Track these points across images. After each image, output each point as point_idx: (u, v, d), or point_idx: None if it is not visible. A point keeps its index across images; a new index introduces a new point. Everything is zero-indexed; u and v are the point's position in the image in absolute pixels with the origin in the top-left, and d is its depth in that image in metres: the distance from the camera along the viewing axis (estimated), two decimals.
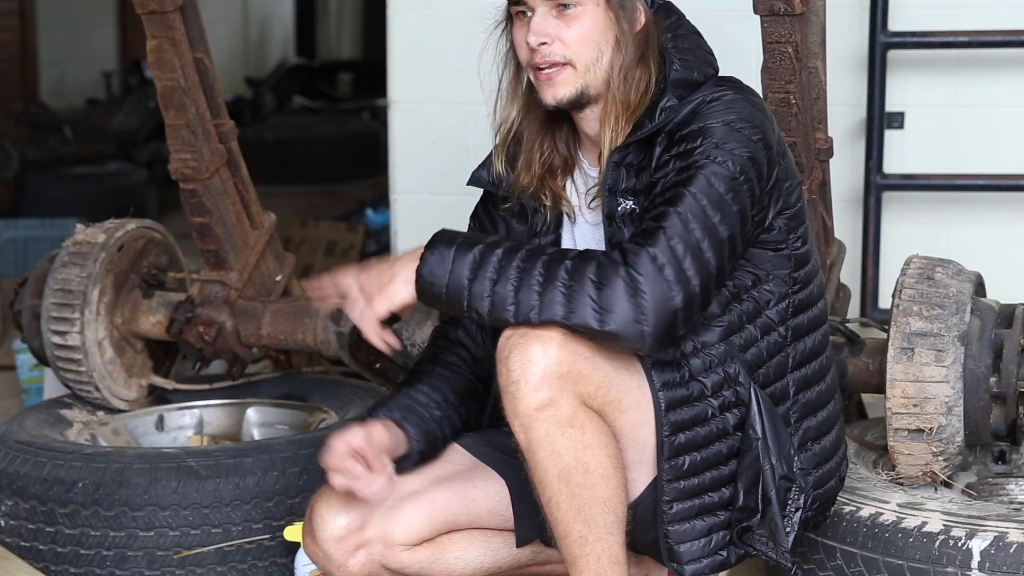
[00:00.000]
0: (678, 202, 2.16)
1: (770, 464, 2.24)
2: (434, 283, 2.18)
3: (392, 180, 4.40)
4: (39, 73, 9.21)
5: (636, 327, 2.10)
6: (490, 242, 2.18)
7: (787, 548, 2.25)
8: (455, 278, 2.16)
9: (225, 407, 3.38)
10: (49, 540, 2.86)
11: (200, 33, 3.17)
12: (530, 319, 2.13)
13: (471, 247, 2.17)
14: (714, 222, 2.16)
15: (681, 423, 2.23)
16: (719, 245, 2.17)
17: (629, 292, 2.10)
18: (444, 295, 2.17)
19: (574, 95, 2.29)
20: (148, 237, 3.34)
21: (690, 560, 2.26)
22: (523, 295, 2.12)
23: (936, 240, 4.04)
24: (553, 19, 2.27)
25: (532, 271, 2.13)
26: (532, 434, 2.15)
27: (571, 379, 2.14)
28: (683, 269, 2.12)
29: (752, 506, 2.25)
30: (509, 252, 2.16)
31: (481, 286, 2.14)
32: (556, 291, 2.11)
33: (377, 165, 7.54)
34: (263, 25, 12.74)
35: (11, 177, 7.15)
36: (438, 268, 2.17)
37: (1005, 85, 4.07)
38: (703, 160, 2.19)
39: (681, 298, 2.12)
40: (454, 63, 4.13)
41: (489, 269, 2.15)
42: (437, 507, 2.36)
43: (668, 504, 2.24)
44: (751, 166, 2.21)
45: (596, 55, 2.27)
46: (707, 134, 2.21)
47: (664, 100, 2.26)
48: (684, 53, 2.30)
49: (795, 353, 2.34)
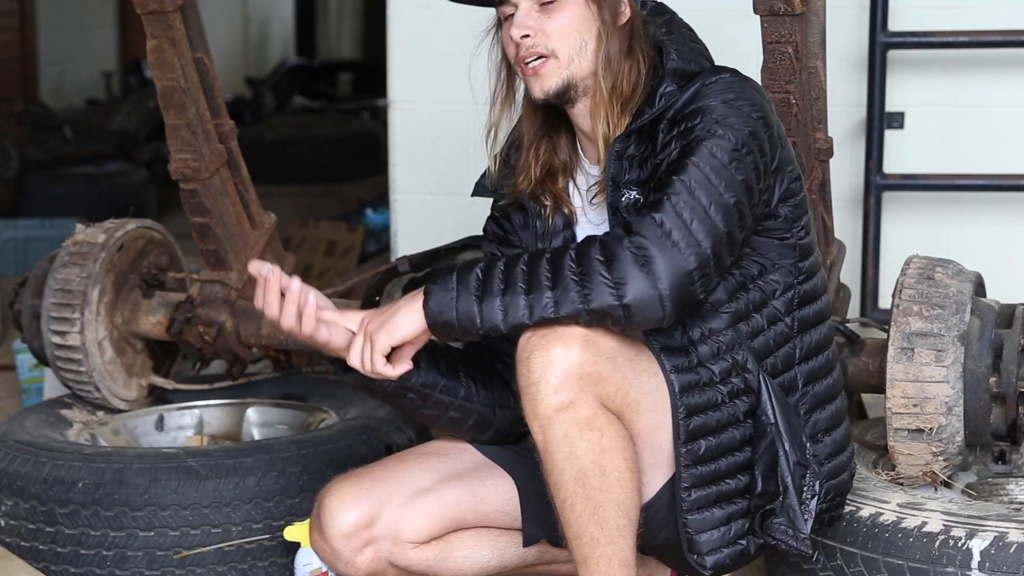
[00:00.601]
0: (681, 171, 2.18)
1: (784, 449, 2.25)
2: (443, 311, 2.16)
3: (392, 180, 4.40)
4: (39, 73, 9.20)
5: (653, 293, 2.10)
6: (489, 260, 2.18)
7: (806, 534, 2.25)
8: (463, 303, 2.15)
9: (225, 407, 3.38)
10: (49, 540, 2.86)
11: (200, 33, 3.16)
12: (547, 317, 2.12)
13: (472, 267, 2.17)
14: (719, 189, 2.17)
15: (695, 406, 2.23)
16: (726, 209, 2.17)
17: (639, 261, 2.10)
18: (456, 321, 2.16)
19: (560, 86, 2.31)
20: (148, 237, 3.34)
21: (710, 550, 2.26)
22: (535, 297, 2.12)
23: (936, 240, 4.04)
24: (536, 13, 2.30)
25: (538, 270, 2.13)
26: (550, 435, 2.15)
27: (591, 380, 2.14)
28: (691, 232, 2.13)
29: (772, 490, 2.25)
30: (511, 262, 2.16)
31: (490, 301, 2.14)
32: (568, 281, 2.11)
33: (377, 165, 7.54)
34: (263, 25, 12.74)
35: (11, 177, 7.15)
36: (443, 295, 2.16)
37: (1005, 85, 4.06)
38: (704, 134, 2.21)
39: (693, 259, 2.12)
40: (454, 63, 4.11)
41: (495, 281, 2.14)
42: (446, 505, 2.36)
43: (686, 491, 2.23)
44: (752, 140, 2.22)
45: (579, 46, 2.30)
46: (707, 112, 2.23)
47: (663, 87, 2.28)
48: (679, 45, 2.33)
49: (802, 345, 2.35)
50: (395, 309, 2.22)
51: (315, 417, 3.24)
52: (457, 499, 2.37)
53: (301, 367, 3.55)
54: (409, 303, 2.20)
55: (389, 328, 2.20)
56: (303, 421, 3.27)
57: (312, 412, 3.27)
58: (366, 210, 6.22)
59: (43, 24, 9.22)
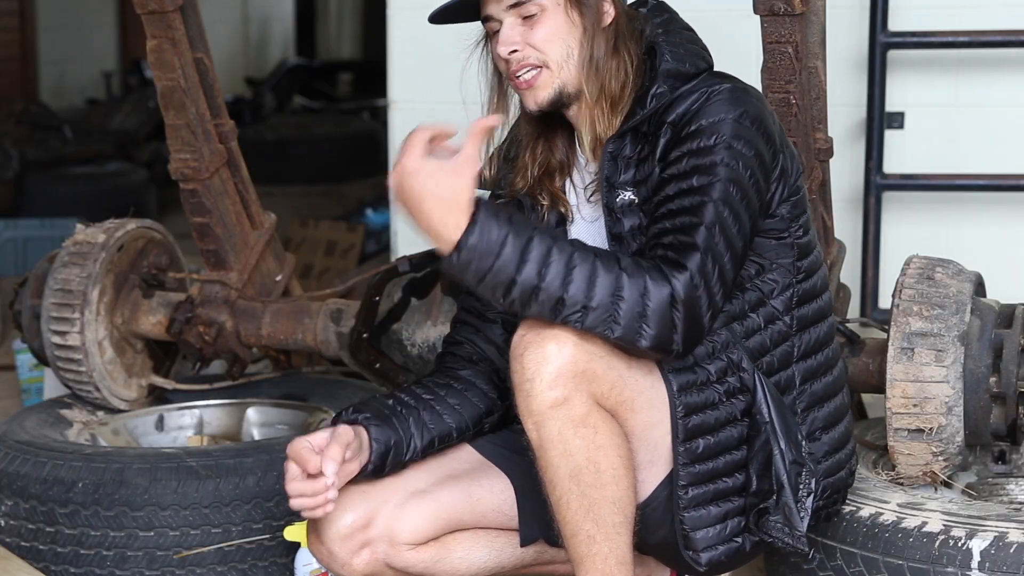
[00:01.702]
0: (703, 214, 2.19)
1: (779, 448, 2.26)
2: (478, 257, 2.09)
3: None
4: (39, 73, 9.20)
5: (668, 345, 2.14)
6: (535, 233, 2.12)
7: (802, 532, 2.26)
8: (503, 261, 2.09)
9: (225, 407, 3.38)
10: (49, 540, 2.86)
11: (200, 33, 3.17)
12: (571, 323, 2.12)
13: (525, 232, 2.10)
14: (734, 233, 2.20)
15: (693, 405, 2.24)
16: (738, 258, 2.22)
17: (669, 317, 2.12)
18: (487, 272, 2.09)
19: (553, 95, 2.32)
20: (148, 237, 3.34)
21: (706, 547, 2.26)
22: (568, 299, 2.10)
23: (936, 240, 4.04)
24: (519, 27, 2.31)
25: (584, 279, 2.11)
26: (544, 432, 2.15)
27: (585, 378, 2.14)
28: (712, 291, 2.16)
29: (767, 488, 2.26)
30: (556, 249, 2.11)
31: (529, 277, 2.09)
32: (602, 307, 2.11)
33: (377, 165, 7.53)
34: (263, 25, 12.74)
35: (11, 177, 7.15)
36: (486, 242, 2.09)
37: (1005, 85, 4.06)
38: (720, 167, 2.21)
39: (708, 316, 2.16)
40: (454, 63, 4.12)
41: (531, 265, 2.09)
42: (443, 506, 2.36)
43: (684, 489, 2.24)
44: (758, 164, 2.24)
45: (565, 52, 2.30)
46: (718, 132, 2.23)
47: (655, 88, 2.29)
48: (675, 47, 2.32)
49: (800, 343, 2.36)
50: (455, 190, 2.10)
51: (315, 417, 3.24)
52: (453, 500, 2.37)
53: (301, 367, 3.55)
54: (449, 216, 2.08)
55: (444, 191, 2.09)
56: (303, 421, 3.27)
57: (312, 412, 3.27)
58: (366, 210, 6.22)
59: (43, 24, 9.22)
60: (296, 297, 3.41)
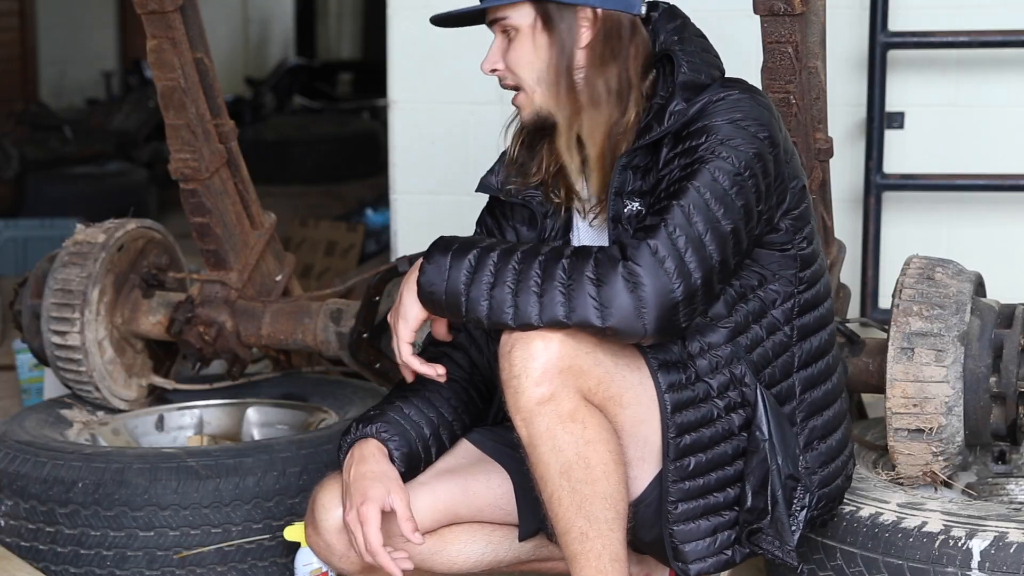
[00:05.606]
0: (680, 196, 2.17)
1: (776, 464, 2.25)
2: (433, 291, 2.18)
3: (392, 180, 4.40)
4: (39, 73, 9.20)
5: (637, 321, 2.10)
6: (486, 245, 2.18)
7: (792, 547, 2.26)
8: (452, 284, 2.16)
9: (225, 407, 3.38)
10: (49, 540, 2.86)
11: (200, 33, 3.17)
12: (531, 323, 2.13)
13: (467, 252, 2.17)
14: (717, 215, 2.16)
15: (687, 424, 2.23)
16: (722, 239, 2.16)
17: (629, 287, 2.10)
18: (444, 302, 2.17)
19: (533, 117, 2.32)
20: (148, 237, 3.34)
21: (695, 559, 2.26)
22: (522, 299, 2.12)
23: (936, 240, 4.04)
24: (504, 44, 2.31)
25: (529, 272, 2.13)
26: (533, 429, 2.16)
27: (572, 374, 2.14)
28: (684, 262, 2.12)
29: (761, 507, 2.25)
30: (505, 254, 2.15)
31: (478, 291, 2.14)
32: (555, 291, 2.11)
33: (377, 165, 7.54)
34: (263, 25, 12.75)
35: (11, 177, 7.16)
36: (435, 275, 2.17)
37: (1005, 85, 4.06)
38: (707, 155, 2.19)
39: (682, 290, 2.11)
40: (454, 63, 4.13)
41: (485, 273, 2.14)
42: (438, 498, 2.36)
43: (673, 504, 2.24)
44: (756, 162, 2.21)
45: (535, 76, 2.29)
46: (712, 131, 2.21)
47: (673, 104, 2.26)
48: (691, 56, 2.29)
49: (801, 353, 2.34)
50: (400, 293, 2.24)
51: (315, 417, 3.24)
52: (450, 493, 2.37)
53: (301, 367, 3.55)
54: (408, 283, 2.22)
55: (402, 314, 2.22)
56: (303, 421, 3.27)
57: (312, 412, 3.27)
58: (366, 210, 6.22)
59: (43, 24, 9.22)
60: (296, 297, 3.42)
